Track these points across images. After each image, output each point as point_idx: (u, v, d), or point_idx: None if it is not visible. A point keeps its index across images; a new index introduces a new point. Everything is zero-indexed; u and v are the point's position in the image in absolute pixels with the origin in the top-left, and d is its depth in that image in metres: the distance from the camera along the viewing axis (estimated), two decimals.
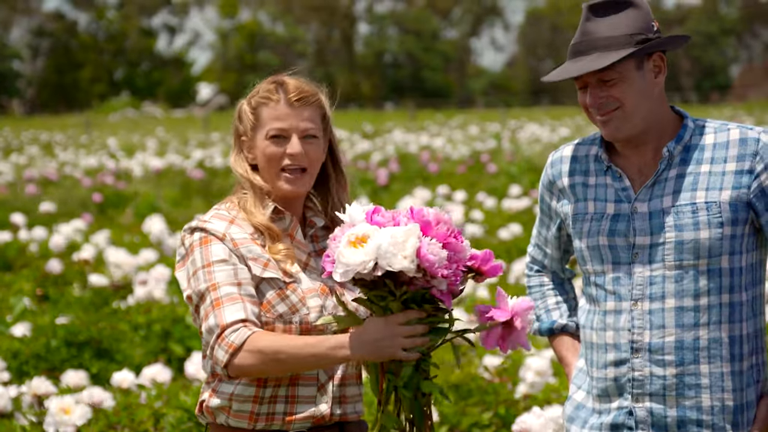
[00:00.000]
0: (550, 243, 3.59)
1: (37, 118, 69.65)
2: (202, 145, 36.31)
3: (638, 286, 3.29)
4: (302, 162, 3.22)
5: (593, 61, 3.21)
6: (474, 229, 13.29)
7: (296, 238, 3.27)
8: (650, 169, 3.33)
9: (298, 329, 3.16)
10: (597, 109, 3.27)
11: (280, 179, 3.23)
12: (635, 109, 3.25)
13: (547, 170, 3.52)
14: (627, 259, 3.30)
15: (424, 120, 53.03)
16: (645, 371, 3.28)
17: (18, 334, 7.90)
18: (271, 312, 3.15)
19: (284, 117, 3.23)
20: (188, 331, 8.43)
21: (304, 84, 3.29)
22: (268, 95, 3.27)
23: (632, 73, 3.24)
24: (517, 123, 46.26)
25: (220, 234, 3.17)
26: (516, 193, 17.88)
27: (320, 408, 3.20)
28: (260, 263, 3.16)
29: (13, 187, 22.66)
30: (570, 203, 3.44)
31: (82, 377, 6.50)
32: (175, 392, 6.12)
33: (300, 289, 3.18)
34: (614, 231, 3.32)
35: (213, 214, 3.24)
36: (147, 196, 19.80)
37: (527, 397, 6.24)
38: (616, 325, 3.32)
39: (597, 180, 3.40)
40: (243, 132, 3.30)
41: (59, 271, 11.18)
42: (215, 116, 61.94)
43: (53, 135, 46.20)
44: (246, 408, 3.17)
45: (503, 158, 26.23)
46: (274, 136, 3.23)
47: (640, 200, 3.31)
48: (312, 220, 3.33)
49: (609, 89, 3.24)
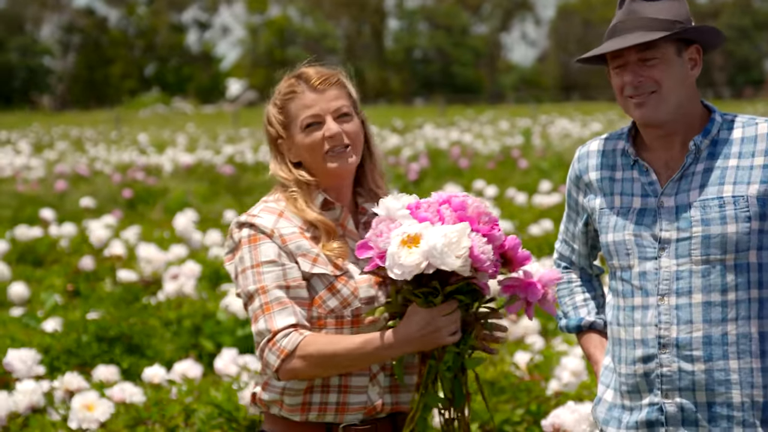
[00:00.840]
0: (577, 239, 3.59)
1: (67, 114, 70.00)
2: (231, 141, 36.41)
3: (665, 281, 3.27)
4: (342, 140, 3.23)
5: (637, 38, 3.21)
6: (505, 225, 13.26)
7: (348, 227, 3.27)
8: (677, 162, 3.32)
9: (350, 323, 3.17)
10: (634, 89, 3.25)
11: (326, 162, 3.23)
12: (671, 94, 3.25)
13: (574, 165, 3.52)
14: (653, 254, 3.29)
15: (454, 115, 52.94)
16: (673, 367, 3.27)
17: (49, 330, 7.95)
18: (322, 307, 3.16)
19: (312, 103, 3.24)
20: (219, 327, 8.46)
21: (322, 68, 3.30)
22: (291, 89, 3.28)
23: (673, 57, 3.25)
24: (548, 118, 46.12)
25: (268, 230, 3.18)
26: (546, 189, 17.84)
27: (372, 398, 3.22)
28: (309, 259, 3.17)
29: (43, 183, 22.78)
30: (597, 198, 3.43)
31: (113, 372, 6.53)
32: (205, 388, 6.14)
33: (352, 281, 3.19)
34: (640, 225, 3.31)
35: (262, 208, 3.24)
36: (177, 192, 19.88)
37: (559, 395, 6.23)
38: (643, 321, 3.30)
39: (624, 174, 3.40)
40: (277, 134, 3.30)
41: (91, 268, 11.24)
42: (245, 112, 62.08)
43: (83, 131, 46.42)
44: (297, 400, 3.19)
45: (534, 154, 26.18)
46: (309, 125, 3.24)
47: (666, 194, 3.30)
48: (363, 207, 3.32)
49: (649, 69, 3.24)
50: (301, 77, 3.28)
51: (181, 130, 46.27)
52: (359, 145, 3.29)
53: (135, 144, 36.16)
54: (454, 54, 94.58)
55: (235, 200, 19.28)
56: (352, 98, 3.32)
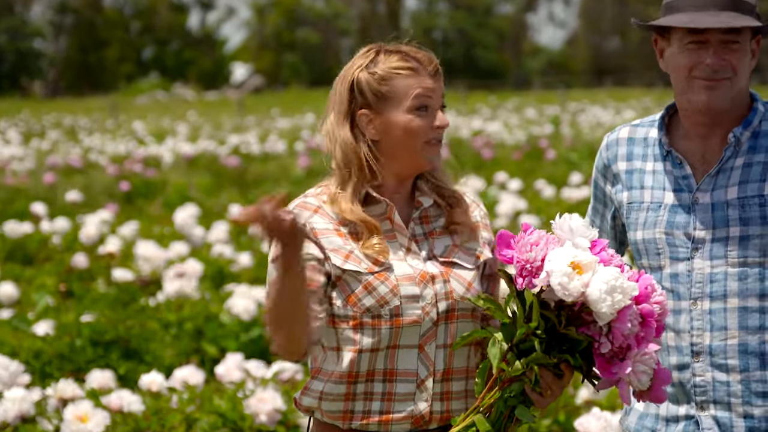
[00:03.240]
0: (604, 233, 3.53)
1: (59, 101, 70.20)
2: (237, 130, 36.49)
3: (697, 284, 3.24)
4: (442, 135, 3.29)
5: (734, 20, 3.17)
6: (531, 221, 13.27)
7: (395, 222, 3.28)
8: (715, 156, 3.28)
9: (389, 322, 3.18)
10: (713, 72, 3.20)
11: (423, 151, 3.25)
12: (739, 82, 3.23)
13: (601, 153, 3.49)
14: (686, 254, 3.26)
15: (476, 102, 52.94)
16: (707, 376, 3.25)
17: (40, 333, 7.98)
18: (357, 306, 3.18)
19: (429, 87, 3.26)
20: (222, 330, 8.48)
21: (430, 55, 3.33)
22: (406, 65, 3.28)
23: (748, 45, 3.24)
24: (578, 105, 46.09)
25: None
26: (576, 182, 17.84)
27: (419, 406, 3.21)
28: (341, 254, 3.19)
29: (34, 175, 22.85)
30: (625, 190, 3.40)
31: (109, 379, 6.55)
32: (208, 396, 6.16)
33: (392, 276, 3.20)
34: (672, 223, 3.28)
35: (299, 203, 3.27)
36: (178, 185, 19.93)
37: (589, 403, 6.24)
38: (675, 326, 3.28)
39: (655, 166, 3.36)
40: (363, 104, 3.28)
41: (85, 266, 11.28)
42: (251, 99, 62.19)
43: (77, 119, 46.56)
44: (338, 407, 3.22)
45: (562, 144, 26.18)
46: (420, 108, 3.25)
47: (702, 190, 3.26)
48: (419, 200, 3.31)
49: (731, 54, 3.21)
50: (413, 58, 3.30)
51: (182, 118, 46.37)
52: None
53: (132, 133, 36.27)
54: (476, 36, 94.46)
55: (241, 194, 19.31)
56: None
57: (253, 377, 6.52)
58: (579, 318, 2.92)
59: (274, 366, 6.73)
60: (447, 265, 3.25)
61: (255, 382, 6.39)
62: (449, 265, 3.25)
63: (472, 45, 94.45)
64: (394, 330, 3.18)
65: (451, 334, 3.22)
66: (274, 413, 5.88)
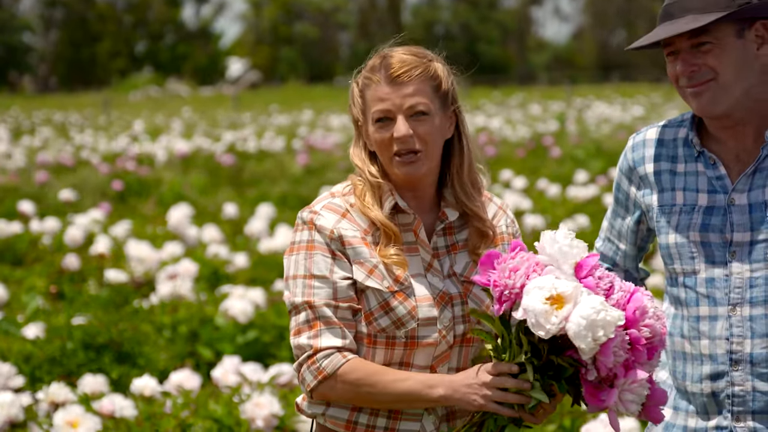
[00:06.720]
0: (624, 237, 3.50)
1: (50, 97, 70.17)
2: (232, 127, 36.45)
3: (736, 289, 3.20)
4: (411, 145, 3.17)
5: (687, 24, 3.14)
6: (535, 221, 13.26)
7: (420, 236, 3.24)
8: (750, 155, 3.24)
9: (404, 344, 3.16)
10: (688, 79, 3.20)
11: (393, 165, 3.20)
12: (732, 82, 3.18)
13: (627, 154, 3.44)
14: (722, 258, 3.22)
15: (479, 98, 52.92)
16: (746, 386, 3.21)
17: (30, 336, 7.98)
18: (373, 324, 3.16)
19: (386, 96, 3.18)
20: (218, 333, 8.48)
21: (409, 55, 3.23)
22: (371, 74, 3.23)
23: (731, 40, 3.18)
24: (584, 101, 46.05)
25: (327, 231, 3.17)
26: (582, 180, 17.81)
27: (426, 427, 3.20)
28: (365, 269, 3.17)
29: (23, 174, 22.84)
30: (654, 193, 3.36)
31: (101, 383, 6.55)
32: (203, 400, 6.16)
33: (412, 298, 3.17)
34: (707, 226, 3.24)
35: (326, 204, 3.23)
36: (172, 184, 19.90)
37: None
38: (711, 334, 3.23)
39: (686, 167, 3.32)
40: (357, 116, 3.28)
41: (76, 267, 11.27)
42: (247, 94, 62.15)
43: (68, 115, 46.53)
44: (343, 415, 3.21)
45: (568, 141, 26.14)
46: (379, 120, 3.20)
47: (738, 191, 3.23)
48: (444, 211, 3.27)
49: (703, 56, 3.18)
50: (383, 61, 3.22)
51: (177, 114, 46.34)
52: (433, 150, 3.22)
53: (125, 130, 36.23)
54: (479, 30, 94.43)
55: (237, 192, 19.31)
56: (442, 90, 3.25)
57: (250, 381, 6.52)
58: (564, 346, 2.90)
59: (271, 369, 6.73)
60: (466, 284, 3.23)
61: (251, 387, 6.40)
62: (469, 284, 3.23)
63: (476, 39, 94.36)
64: (407, 351, 3.17)
65: (465, 357, 3.21)
66: (271, 418, 5.88)
